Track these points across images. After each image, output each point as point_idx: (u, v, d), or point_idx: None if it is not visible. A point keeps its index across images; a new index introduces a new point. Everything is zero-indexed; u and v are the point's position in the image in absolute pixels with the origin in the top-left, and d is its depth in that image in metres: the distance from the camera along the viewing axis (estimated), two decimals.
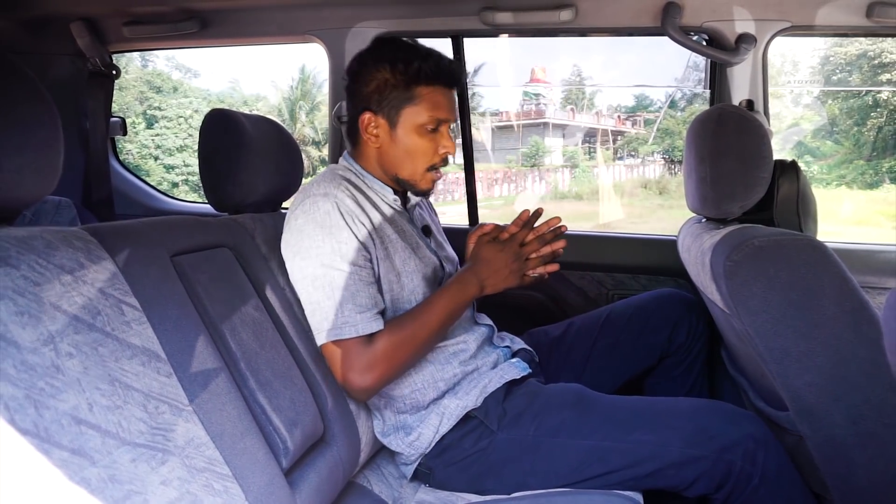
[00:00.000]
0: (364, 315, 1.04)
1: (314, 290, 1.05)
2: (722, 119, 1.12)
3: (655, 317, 1.39)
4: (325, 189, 1.08)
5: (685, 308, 1.39)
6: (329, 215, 1.06)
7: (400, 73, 1.11)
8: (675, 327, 1.38)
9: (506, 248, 1.13)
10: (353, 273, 1.05)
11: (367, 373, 1.03)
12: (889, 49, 12.33)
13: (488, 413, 1.12)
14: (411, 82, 1.11)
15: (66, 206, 1.60)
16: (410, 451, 1.14)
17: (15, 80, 0.70)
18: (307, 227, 1.06)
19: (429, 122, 1.12)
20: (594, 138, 17.05)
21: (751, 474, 0.99)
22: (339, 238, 1.05)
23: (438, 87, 1.13)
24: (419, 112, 1.12)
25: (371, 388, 1.05)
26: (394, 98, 1.12)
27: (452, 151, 1.18)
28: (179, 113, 15.40)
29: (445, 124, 1.16)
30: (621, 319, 1.41)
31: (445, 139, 1.16)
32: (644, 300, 1.44)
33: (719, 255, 0.97)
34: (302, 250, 1.06)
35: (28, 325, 0.61)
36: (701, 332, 1.40)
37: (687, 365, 1.40)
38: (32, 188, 0.71)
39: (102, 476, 0.61)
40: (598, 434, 1.07)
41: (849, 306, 0.89)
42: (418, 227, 1.25)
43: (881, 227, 11.75)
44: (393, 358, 1.05)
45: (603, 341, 1.40)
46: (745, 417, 1.06)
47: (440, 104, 1.13)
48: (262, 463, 0.82)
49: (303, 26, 1.71)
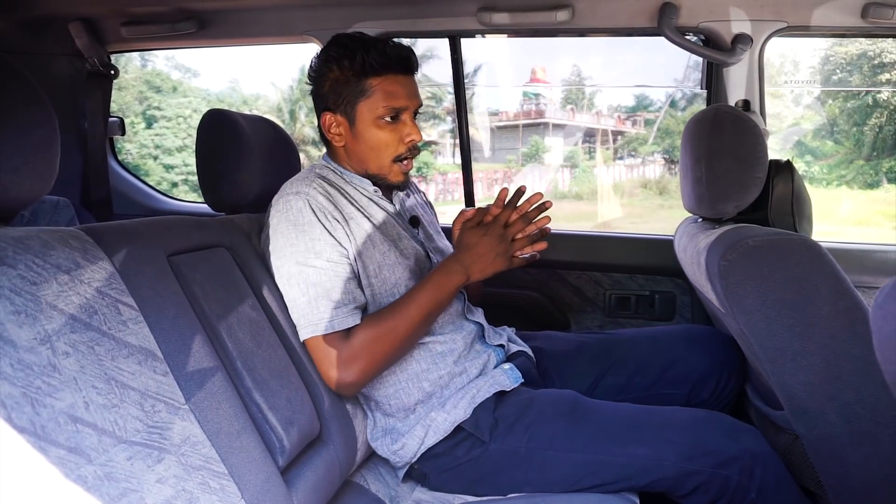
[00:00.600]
0: (339, 310, 1.04)
1: (290, 288, 1.06)
2: (717, 119, 1.12)
3: (679, 365, 1.26)
4: (297, 188, 1.09)
5: (717, 357, 1.25)
6: (301, 213, 1.06)
7: (347, 68, 1.10)
8: (698, 383, 1.25)
9: (489, 230, 1.08)
10: (327, 269, 1.05)
11: (347, 368, 1.03)
12: (889, 49, 12.32)
13: (479, 424, 1.10)
14: (360, 76, 1.10)
15: (65, 205, 1.60)
16: (396, 458, 1.14)
17: (12, 81, 0.70)
18: (281, 226, 1.07)
19: (385, 112, 1.11)
20: (594, 138, 17.04)
21: (748, 489, 0.98)
22: (312, 235, 1.05)
23: (390, 76, 1.11)
24: (374, 104, 1.11)
25: (354, 383, 1.05)
26: (347, 94, 1.12)
27: (418, 139, 1.15)
28: (179, 113, 15.38)
29: (406, 112, 1.13)
30: (636, 360, 1.29)
31: (408, 127, 1.14)
32: (667, 339, 1.31)
33: (714, 254, 0.97)
34: (277, 249, 1.07)
35: (25, 324, 0.61)
36: (731, 388, 1.26)
37: None
38: (29, 188, 0.71)
39: (99, 474, 0.61)
40: (591, 447, 1.05)
41: (843, 305, 0.90)
42: (405, 217, 1.24)
43: (881, 227, 11.73)
44: (373, 351, 1.04)
45: (610, 379, 1.30)
46: (744, 431, 1.04)
47: (394, 93, 1.11)
48: (258, 461, 0.82)
49: (300, 27, 1.71)
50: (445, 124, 16.16)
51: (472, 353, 1.20)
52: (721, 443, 1.01)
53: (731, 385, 1.27)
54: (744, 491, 0.99)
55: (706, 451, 1.00)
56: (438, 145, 16.45)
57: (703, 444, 1.01)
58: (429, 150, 15.77)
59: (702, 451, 1.00)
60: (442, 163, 16.02)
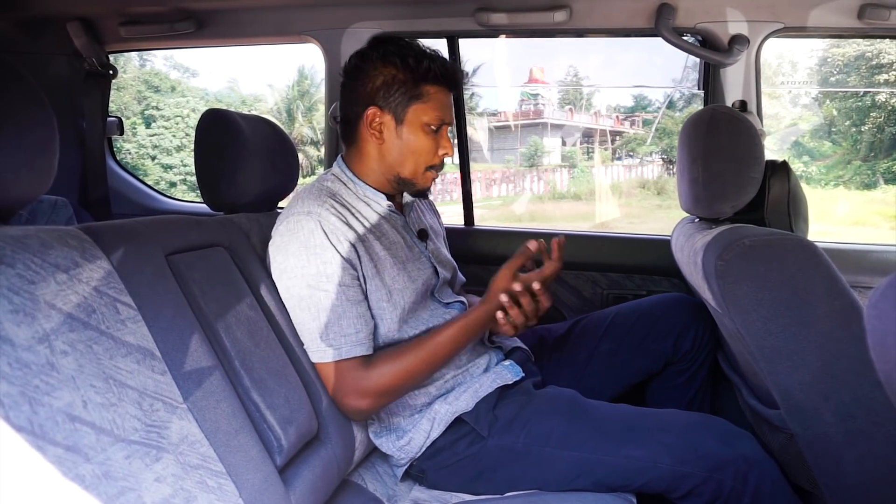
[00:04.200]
0: (349, 338, 1.05)
1: (300, 311, 1.06)
2: (714, 120, 1.13)
3: (661, 323, 1.37)
4: (309, 207, 1.07)
5: (692, 315, 1.36)
6: (313, 234, 1.05)
7: (410, 70, 1.12)
8: (680, 335, 1.35)
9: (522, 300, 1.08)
10: (339, 294, 1.05)
11: (363, 398, 1.04)
12: (886, 50, 12.36)
13: (479, 419, 1.11)
14: (420, 80, 1.12)
15: (63, 205, 1.60)
16: (401, 454, 1.14)
17: (10, 80, 0.71)
18: (291, 247, 1.06)
19: (434, 121, 1.14)
20: (592, 138, 17.05)
21: (742, 494, 0.99)
22: (324, 258, 1.05)
23: (444, 88, 1.15)
24: (426, 110, 1.13)
25: (367, 411, 1.07)
26: (401, 94, 1.13)
27: (450, 153, 1.18)
28: (177, 112, 15.38)
29: (446, 126, 1.17)
30: (626, 324, 1.39)
31: (445, 140, 1.17)
32: (650, 304, 1.42)
33: (710, 254, 0.98)
34: (287, 270, 1.06)
35: (23, 324, 0.61)
36: (707, 340, 1.37)
37: (690, 374, 1.38)
38: (28, 188, 0.72)
39: (97, 473, 0.61)
40: (587, 446, 1.06)
41: (838, 305, 0.90)
42: (414, 231, 1.24)
43: (878, 227, 11.76)
44: (391, 386, 1.06)
45: (606, 344, 1.38)
46: (739, 436, 1.05)
47: (445, 105, 1.15)
48: (256, 460, 0.82)
49: (299, 27, 1.72)
50: None
51: (474, 355, 1.22)
52: (715, 447, 1.02)
53: (706, 337, 1.37)
54: (738, 496, 0.99)
55: (700, 454, 1.01)
56: None
57: (697, 447, 1.02)
58: None
59: (696, 454, 1.01)
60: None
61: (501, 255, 1.81)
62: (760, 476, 0.99)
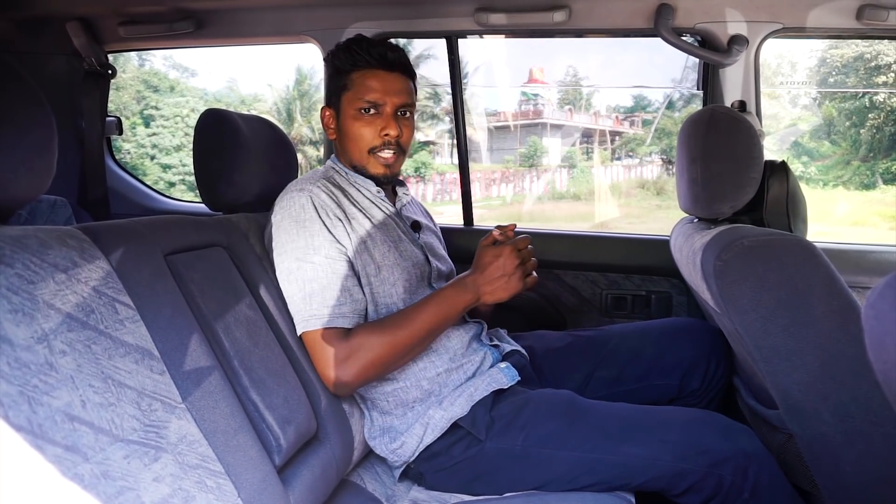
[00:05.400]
0: (334, 308, 1.05)
1: (289, 284, 1.08)
2: (713, 120, 1.13)
3: (669, 356, 1.29)
4: (302, 185, 1.12)
5: (703, 347, 1.28)
6: (303, 209, 1.09)
7: (334, 64, 1.19)
8: (688, 372, 1.28)
9: (502, 252, 1.09)
10: (324, 265, 1.07)
11: (344, 367, 1.04)
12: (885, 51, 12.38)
13: (475, 422, 1.10)
14: (346, 70, 1.18)
15: (62, 205, 1.60)
16: (394, 457, 1.14)
17: (10, 80, 0.71)
18: (284, 223, 1.09)
19: (363, 104, 1.16)
20: (592, 139, 17.06)
21: (741, 489, 0.99)
22: (312, 231, 1.08)
23: (368, 71, 1.17)
24: (353, 97, 1.17)
25: (349, 383, 1.06)
26: (334, 87, 1.20)
27: (393, 133, 1.17)
28: (176, 112, 15.37)
29: (386, 107, 1.17)
30: (629, 351, 1.31)
31: (384, 121, 1.17)
32: (658, 332, 1.34)
33: (709, 254, 0.98)
34: (279, 245, 1.09)
35: (22, 323, 0.61)
36: (720, 376, 1.29)
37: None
38: (27, 187, 0.71)
39: (95, 472, 0.61)
40: (587, 445, 1.06)
41: (837, 305, 0.90)
42: (406, 222, 1.26)
43: (878, 227, 11.78)
44: (372, 354, 1.05)
45: (606, 371, 1.32)
46: (739, 431, 1.05)
47: (372, 87, 1.16)
48: (255, 460, 0.82)
49: (298, 27, 1.72)
50: (444, 124, 16.19)
51: (469, 352, 1.21)
52: (715, 442, 1.02)
53: (719, 373, 1.30)
54: (737, 491, 0.99)
55: (700, 450, 1.01)
56: (436, 145, 16.46)
57: (696, 443, 1.02)
58: (427, 151, 15.78)
59: (695, 450, 1.01)
60: (440, 163, 16.03)
61: None
62: (759, 470, 1.00)
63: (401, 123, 1.18)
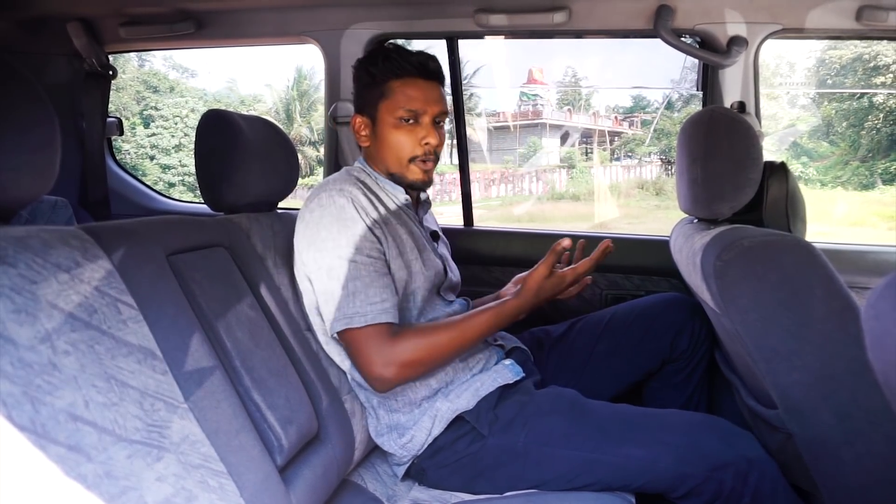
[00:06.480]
0: (375, 306, 1.05)
1: (329, 281, 1.07)
2: (712, 121, 1.13)
3: (658, 321, 1.38)
4: (341, 185, 1.12)
5: (689, 313, 1.38)
6: (344, 209, 1.09)
7: (372, 71, 1.17)
8: (677, 333, 1.36)
9: (556, 285, 1.12)
10: (368, 264, 1.07)
11: (389, 366, 1.04)
12: (884, 52, 12.40)
13: (480, 417, 1.12)
14: (384, 78, 1.16)
15: (63, 205, 1.60)
16: (403, 452, 1.15)
17: (12, 80, 0.71)
18: (324, 220, 1.09)
19: (404, 114, 1.16)
20: (591, 139, 17.08)
21: (742, 494, 0.99)
22: (355, 230, 1.08)
23: (409, 80, 1.16)
24: (393, 106, 1.16)
25: (392, 381, 1.06)
26: (370, 96, 1.18)
27: (434, 142, 1.18)
28: (176, 112, 15.37)
29: (425, 116, 1.17)
30: (624, 323, 1.40)
31: (425, 130, 1.17)
32: (647, 304, 1.43)
33: (709, 255, 0.98)
34: (317, 241, 1.08)
35: (25, 323, 0.61)
36: (703, 338, 1.38)
37: (688, 372, 1.39)
38: (29, 187, 0.72)
39: (98, 472, 0.62)
40: (588, 445, 1.06)
41: (836, 306, 0.90)
42: (426, 231, 1.28)
43: (876, 227, 11.79)
44: (418, 357, 1.06)
45: (604, 344, 1.39)
46: (741, 436, 1.05)
47: (413, 96, 1.16)
48: (256, 460, 0.82)
49: (298, 27, 1.72)
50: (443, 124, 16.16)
51: (476, 350, 1.22)
52: (716, 447, 1.02)
53: (703, 335, 1.38)
54: (738, 496, 0.99)
55: (701, 454, 1.01)
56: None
57: (698, 447, 1.02)
58: None
59: (696, 454, 1.01)
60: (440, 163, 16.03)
61: (501, 256, 1.83)
62: (761, 476, 1.00)
63: (438, 132, 1.19)
